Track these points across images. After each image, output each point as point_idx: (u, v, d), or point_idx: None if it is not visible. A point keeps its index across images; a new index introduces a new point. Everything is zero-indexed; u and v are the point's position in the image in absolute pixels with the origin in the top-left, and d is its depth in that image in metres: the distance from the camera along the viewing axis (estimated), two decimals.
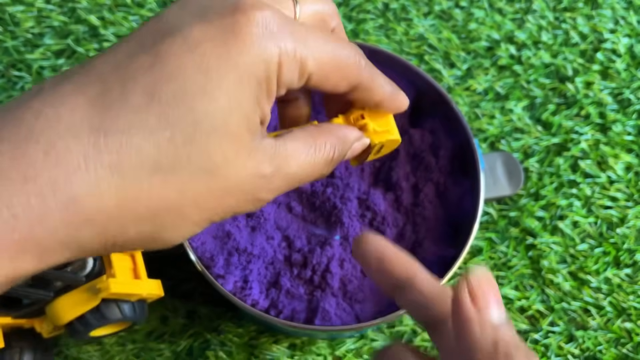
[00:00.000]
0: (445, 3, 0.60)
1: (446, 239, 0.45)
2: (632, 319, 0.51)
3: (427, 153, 0.46)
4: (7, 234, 0.21)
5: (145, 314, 0.41)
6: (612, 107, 0.57)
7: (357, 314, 0.43)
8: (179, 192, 0.23)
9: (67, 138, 0.22)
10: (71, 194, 0.22)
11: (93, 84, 0.23)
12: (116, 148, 0.22)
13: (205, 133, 0.23)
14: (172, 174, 0.23)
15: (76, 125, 0.22)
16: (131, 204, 0.23)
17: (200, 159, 0.23)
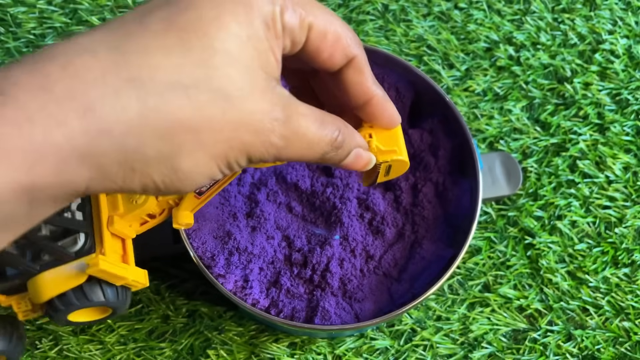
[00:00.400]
0: (444, 4, 0.61)
1: (445, 238, 0.45)
2: (631, 318, 0.51)
3: (427, 153, 0.47)
4: (22, 137, 0.21)
5: (127, 303, 0.41)
6: (610, 107, 0.57)
7: (356, 313, 0.43)
8: (197, 110, 0.24)
9: (84, 55, 0.23)
10: (89, 103, 0.22)
11: (113, 21, 0.24)
12: (136, 65, 0.23)
13: (221, 58, 0.24)
14: (190, 91, 0.24)
15: (94, 45, 0.23)
16: (151, 115, 0.23)
17: (217, 82, 0.24)
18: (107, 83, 0.22)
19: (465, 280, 0.52)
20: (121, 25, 0.24)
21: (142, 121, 0.23)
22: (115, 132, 0.22)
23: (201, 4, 0.24)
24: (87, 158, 0.22)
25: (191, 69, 0.24)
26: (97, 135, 0.22)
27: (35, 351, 0.48)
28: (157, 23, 0.24)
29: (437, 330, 0.50)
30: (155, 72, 0.23)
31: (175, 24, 0.24)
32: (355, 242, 0.45)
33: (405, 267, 0.45)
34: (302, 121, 0.27)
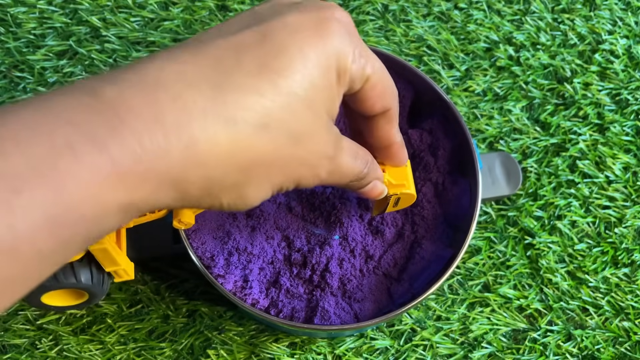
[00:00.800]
0: (444, 4, 0.61)
1: (445, 238, 0.45)
2: (630, 318, 0.51)
3: (426, 153, 0.47)
4: (134, 164, 0.23)
5: (105, 290, 0.40)
6: (610, 107, 0.58)
7: (356, 313, 0.43)
8: (274, 150, 0.27)
9: (191, 90, 0.25)
10: (192, 137, 0.24)
11: (207, 52, 0.27)
12: (232, 104, 0.26)
13: (301, 104, 0.27)
14: (273, 133, 0.27)
15: (199, 81, 0.25)
16: (239, 152, 0.26)
17: (294, 125, 0.27)
18: (207, 119, 0.25)
19: (465, 280, 0.52)
20: (219, 61, 0.26)
21: (230, 157, 0.26)
22: (207, 165, 0.25)
23: (290, 50, 0.27)
24: (179, 184, 0.25)
25: (277, 112, 0.27)
26: (192, 166, 0.25)
27: (35, 351, 0.48)
28: (252, 63, 0.26)
29: (437, 330, 0.50)
30: (247, 113, 0.26)
31: (268, 67, 0.27)
32: (354, 242, 0.45)
33: (404, 267, 0.45)
34: (343, 156, 0.31)
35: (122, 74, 0.25)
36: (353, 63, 0.30)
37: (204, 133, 0.25)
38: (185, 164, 0.25)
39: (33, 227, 0.22)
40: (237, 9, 0.60)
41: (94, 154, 0.23)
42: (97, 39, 0.58)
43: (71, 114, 0.23)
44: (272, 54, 0.27)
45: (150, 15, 0.59)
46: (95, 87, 0.24)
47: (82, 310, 0.49)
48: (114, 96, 0.24)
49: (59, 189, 0.22)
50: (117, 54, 0.57)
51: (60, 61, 0.57)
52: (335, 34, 0.29)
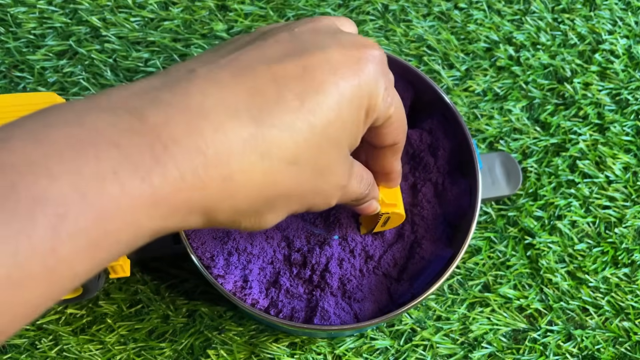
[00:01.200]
0: (444, 4, 0.61)
1: (444, 238, 0.45)
2: (631, 318, 0.51)
3: (426, 153, 0.47)
4: (173, 194, 0.24)
5: (99, 284, 0.40)
6: (610, 107, 0.57)
7: (356, 313, 0.43)
8: (299, 184, 0.28)
9: (233, 121, 0.25)
10: (229, 170, 0.25)
11: (248, 77, 0.27)
12: (268, 139, 0.26)
13: (328, 141, 0.28)
14: (301, 170, 0.28)
15: (240, 112, 0.26)
16: (268, 186, 0.27)
17: (319, 161, 0.28)
18: (245, 153, 0.25)
19: (465, 280, 0.52)
20: (260, 92, 0.27)
21: (260, 190, 0.27)
22: (238, 197, 0.26)
23: (330, 90, 0.28)
24: (210, 212, 0.26)
25: (308, 150, 0.28)
26: (225, 198, 0.26)
27: (35, 351, 0.48)
28: (293, 99, 0.27)
29: (437, 330, 0.50)
30: (282, 150, 0.27)
31: (306, 106, 0.27)
32: (354, 242, 0.45)
33: (404, 267, 0.45)
34: (352, 182, 0.33)
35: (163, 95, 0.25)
36: (382, 100, 0.31)
37: (241, 166, 0.25)
38: (220, 195, 0.25)
39: (75, 251, 0.22)
40: (237, 8, 0.60)
41: (136, 182, 0.23)
42: (97, 39, 0.58)
43: (115, 135, 0.23)
44: (311, 92, 0.28)
45: (150, 15, 0.59)
46: (139, 108, 0.24)
47: (81, 310, 0.49)
48: (158, 122, 0.24)
49: (102, 215, 0.22)
50: (117, 54, 0.57)
51: (60, 61, 0.57)
52: (372, 75, 0.30)
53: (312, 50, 0.29)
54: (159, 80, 0.26)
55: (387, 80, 0.31)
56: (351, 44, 0.30)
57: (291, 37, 0.30)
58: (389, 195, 0.40)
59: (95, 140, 0.23)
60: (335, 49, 0.29)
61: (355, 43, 0.30)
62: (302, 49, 0.29)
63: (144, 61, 0.57)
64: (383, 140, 0.34)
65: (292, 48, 0.29)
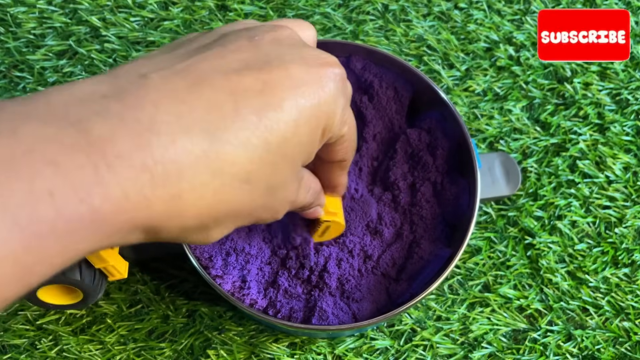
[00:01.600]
0: (444, 4, 0.61)
1: (443, 238, 0.45)
2: (631, 318, 0.51)
3: (425, 152, 0.47)
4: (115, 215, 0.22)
5: (99, 289, 0.40)
6: (610, 107, 0.57)
7: (354, 313, 0.43)
8: (250, 202, 0.27)
9: (186, 137, 0.24)
10: (178, 189, 0.24)
11: (205, 89, 0.26)
12: (222, 156, 0.25)
13: (283, 159, 0.27)
14: (253, 188, 0.27)
15: (194, 126, 0.24)
16: (219, 205, 0.26)
17: (272, 179, 0.28)
18: (197, 171, 0.24)
19: (465, 280, 0.52)
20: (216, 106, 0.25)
21: (209, 209, 0.25)
22: (186, 216, 0.25)
23: (290, 109, 0.27)
24: (153, 230, 0.24)
25: (261, 168, 0.26)
26: (172, 217, 0.24)
27: (35, 351, 0.48)
28: (251, 115, 0.26)
29: (437, 330, 0.50)
30: (235, 168, 0.25)
31: (264, 123, 0.26)
32: (353, 243, 0.45)
33: (403, 267, 0.45)
34: (300, 194, 0.32)
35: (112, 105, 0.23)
36: (338, 120, 0.30)
37: (191, 185, 0.24)
38: (167, 214, 0.24)
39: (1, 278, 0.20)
40: (237, 8, 0.60)
41: (74, 204, 0.21)
42: (97, 39, 0.58)
43: (54, 152, 0.21)
44: (270, 108, 0.26)
45: (150, 15, 0.59)
46: (84, 120, 0.22)
47: (81, 310, 0.49)
48: (104, 136, 0.22)
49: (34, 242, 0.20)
50: (116, 53, 0.57)
51: (60, 61, 0.57)
52: (332, 94, 0.29)
53: (273, 64, 0.27)
54: (106, 85, 0.24)
55: (345, 100, 0.31)
56: (314, 60, 0.29)
57: (252, 46, 0.28)
58: (332, 205, 0.40)
59: (31, 157, 0.20)
60: (298, 64, 0.28)
61: (318, 59, 0.29)
62: (263, 61, 0.28)
63: None
64: (333, 157, 0.34)
65: (253, 59, 0.28)
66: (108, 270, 0.39)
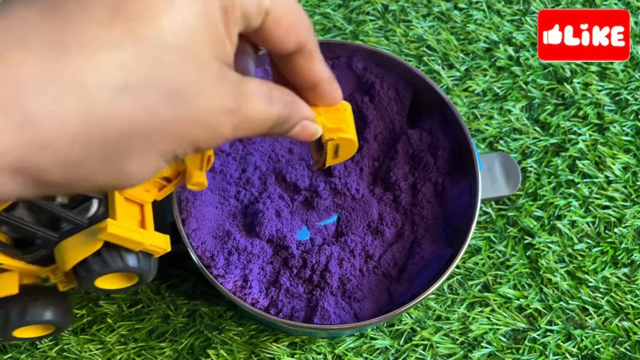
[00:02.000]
0: (444, 5, 0.61)
1: (444, 238, 0.45)
2: (630, 318, 0.51)
3: (426, 153, 0.47)
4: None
5: (153, 269, 0.40)
6: (609, 107, 0.58)
7: (355, 313, 0.43)
8: (147, 114, 0.22)
9: (22, 53, 0.20)
10: (27, 114, 0.19)
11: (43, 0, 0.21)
12: (78, 64, 0.20)
13: (174, 54, 0.22)
14: (140, 93, 0.21)
15: (33, 39, 0.20)
16: (98, 124, 0.21)
17: (169, 81, 0.22)
18: (47, 89, 0.20)
19: (465, 280, 0.52)
20: (58, 11, 0.20)
21: (88, 132, 0.21)
22: (56, 145, 0.20)
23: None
24: (24, 170, 0.20)
25: (141, 68, 0.21)
26: (36, 149, 0.20)
27: (36, 351, 0.48)
28: (101, 9, 0.21)
29: (437, 330, 0.50)
30: (100, 74, 0.20)
31: (123, 12, 0.21)
32: (354, 242, 0.45)
33: (404, 267, 0.45)
34: (251, 104, 0.26)
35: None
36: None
37: (45, 107, 0.20)
38: (26, 146, 0.20)
39: None
40: None
41: None
42: None
43: None
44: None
45: None
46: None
47: (82, 310, 0.49)
48: None
49: None
50: None
51: None
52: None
53: None
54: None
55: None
56: None
57: None
58: (333, 119, 0.33)
59: None
60: None
61: None
62: None
63: None
64: (281, 45, 0.28)
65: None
66: (148, 249, 0.39)
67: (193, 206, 0.45)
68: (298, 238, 0.45)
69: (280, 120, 0.28)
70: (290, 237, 0.45)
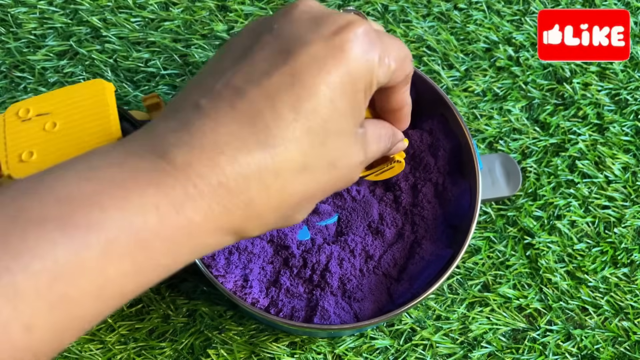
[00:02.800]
0: (444, 5, 0.61)
1: (444, 238, 0.45)
2: (630, 318, 0.51)
3: (426, 153, 0.47)
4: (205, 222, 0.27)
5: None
6: (609, 107, 0.58)
7: (356, 313, 0.43)
8: (317, 183, 0.30)
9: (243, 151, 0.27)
10: (249, 196, 0.28)
11: (244, 104, 0.28)
12: (277, 158, 0.28)
13: (332, 135, 0.29)
14: (313, 171, 0.29)
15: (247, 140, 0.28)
16: (288, 198, 0.29)
17: (329, 156, 0.29)
18: (261, 178, 0.28)
19: (465, 280, 0.52)
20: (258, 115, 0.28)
21: (281, 204, 0.29)
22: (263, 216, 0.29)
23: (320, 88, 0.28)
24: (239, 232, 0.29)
25: (313, 152, 0.29)
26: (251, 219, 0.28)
27: None
28: (289, 113, 0.28)
29: (437, 329, 0.50)
30: (290, 164, 0.28)
31: (303, 114, 0.28)
32: (354, 242, 0.45)
33: (404, 267, 0.45)
34: (370, 150, 0.33)
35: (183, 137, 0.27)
36: (379, 69, 0.30)
37: (258, 190, 0.28)
38: (247, 218, 0.28)
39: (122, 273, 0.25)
40: (237, 9, 0.60)
41: (173, 215, 0.26)
42: (98, 39, 0.58)
43: (153, 176, 0.26)
44: (304, 99, 0.28)
45: (150, 16, 0.59)
46: (166, 152, 0.27)
47: None
48: (184, 162, 0.27)
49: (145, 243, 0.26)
50: (117, 54, 0.57)
51: (60, 61, 0.57)
52: (359, 56, 0.29)
53: (295, 51, 0.29)
54: (173, 121, 0.28)
55: (380, 48, 0.30)
56: (331, 30, 0.29)
57: (273, 37, 0.30)
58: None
59: (137, 181, 0.26)
60: (317, 42, 0.29)
61: (336, 27, 0.29)
62: (286, 50, 0.29)
63: (145, 61, 0.58)
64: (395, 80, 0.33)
65: (278, 52, 0.29)
66: None
67: None
68: (299, 238, 0.45)
69: (387, 151, 0.36)
70: (291, 236, 0.45)
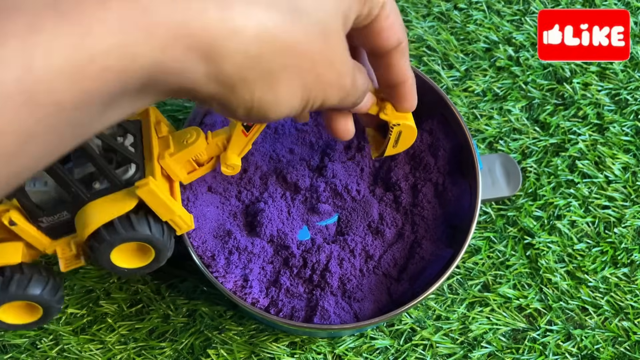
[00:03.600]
0: (444, 5, 0.61)
1: (444, 238, 0.45)
2: (630, 318, 0.51)
3: (426, 154, 0.47)
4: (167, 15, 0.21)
5: (170, 248, 0.40)
6: (609, 107, 0.58)
7: (355, 313, 0.43)
8: (305, 36, 0.25)
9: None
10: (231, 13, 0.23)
11: None
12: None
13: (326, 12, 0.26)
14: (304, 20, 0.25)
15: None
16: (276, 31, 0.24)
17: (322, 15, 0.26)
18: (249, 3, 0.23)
19: (465, 280, 0.52)
20: None
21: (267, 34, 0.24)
22: (244, 35, 0.23)
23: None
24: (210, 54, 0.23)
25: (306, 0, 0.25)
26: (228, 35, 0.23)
27: (36, 351, 0.48)
28: None
29: (437, 329, 0.50)
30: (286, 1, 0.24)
31: None
32: (354, 242, 0.45)
33: (404, 267, 0.45)
34: (357, 74, 0.30)
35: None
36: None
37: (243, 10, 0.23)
38: (221, 31, 0.22)
39: (52, 71, 0.19)
40: None
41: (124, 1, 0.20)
42: None
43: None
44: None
45: None
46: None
47: (82, 310, 0.49)
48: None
49: (85, 32, 0.19)
50: None
51: None
52: None
53: None
54: None
55: None
56: None
57: None
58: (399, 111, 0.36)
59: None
60: None
61: None
62: None
63: None
64: (387, 39, 0.31)
65: None
66: (175, 222, 0.39)
67: (194, 206, 0.45)
68: (299, 238, 0.45)
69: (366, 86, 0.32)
70: (291, 236, 0.45)
